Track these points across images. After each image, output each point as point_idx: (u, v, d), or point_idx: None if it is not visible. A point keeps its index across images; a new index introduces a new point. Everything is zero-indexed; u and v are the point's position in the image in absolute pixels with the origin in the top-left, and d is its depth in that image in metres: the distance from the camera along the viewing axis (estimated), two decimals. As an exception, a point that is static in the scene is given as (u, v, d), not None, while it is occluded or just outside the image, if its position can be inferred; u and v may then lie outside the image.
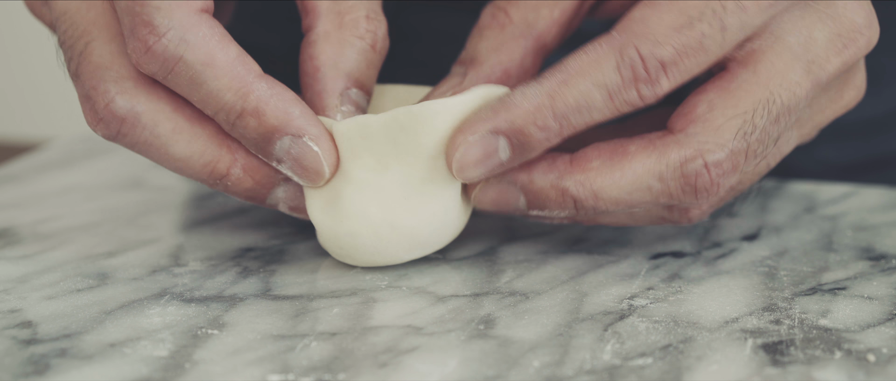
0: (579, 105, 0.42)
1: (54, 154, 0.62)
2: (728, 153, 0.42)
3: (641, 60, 0.42)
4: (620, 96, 0.42)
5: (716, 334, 0.41)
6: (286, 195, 0.45)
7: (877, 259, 0.48)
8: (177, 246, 0.49)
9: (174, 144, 0.43)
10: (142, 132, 0.43)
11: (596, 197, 0.43)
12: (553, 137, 0.42)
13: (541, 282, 0.45)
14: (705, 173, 0.42)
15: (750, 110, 0.43)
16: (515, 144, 0.43)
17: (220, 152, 0.44)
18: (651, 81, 0.42)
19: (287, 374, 0.38)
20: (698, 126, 0.43)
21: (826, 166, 0.65)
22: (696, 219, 0.46)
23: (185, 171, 0.44)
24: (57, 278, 0.45)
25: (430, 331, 0.41)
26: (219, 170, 0.44)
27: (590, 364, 0.39)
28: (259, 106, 0.43)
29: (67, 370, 0.38)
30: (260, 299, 0.44)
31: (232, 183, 0.44)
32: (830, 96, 0.46)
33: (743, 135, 0.43)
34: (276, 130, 0.43)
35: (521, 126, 0.42)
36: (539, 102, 0.42)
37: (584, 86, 0.42)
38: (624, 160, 0.43)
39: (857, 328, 0.41)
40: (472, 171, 0.43)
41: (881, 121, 0.65)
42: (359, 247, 0.45)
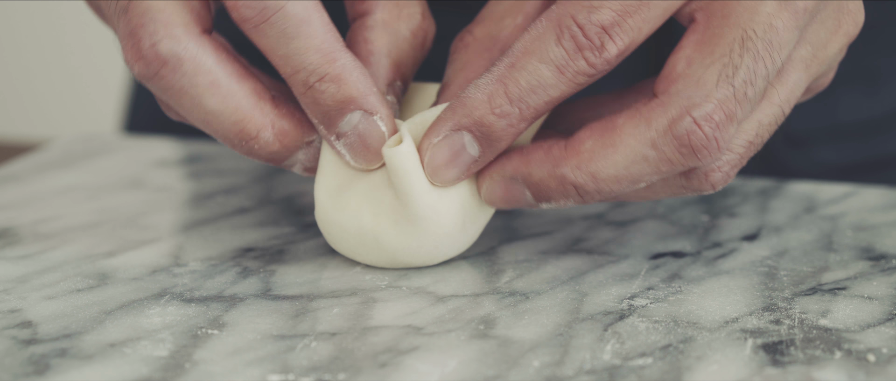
0: (531, 85, 0.42)
1: (54, 154, 0.62)
2: (716, 103, 0.41)
3: (580, 29, 0.41)
4: (570, 68, 0.41)
5: (716, 334, 0.41)
6: (306, 157, 0.45)
7: (877, 259, 0.48)
8: (177, 246, 0.49)
9: (209, 97, 0.43)
10: (180, 79, 0.43)
11: (595, 179, 0.42)
12: (516, 121, 0.42)
13: (541, 282, 0.45)
14: (697, 130, 0.41)
15: (726, 53, 0.41)
16: (480, 136, 0.43)
17: (252, 113, 0.43)
18: (596, 48, 0.41)
19: (287, 374, 0.38)
20: (680, 84, 0.42)
21: (824, 168, 0.65)
22: (720, 182, 0.44)
23: (213, 125, 0.44)
24: (57, 278, 0.45)
25: (430, 331, 0.41)
26: (248, 131, 0.44)
27: (590, 364, 0.39)
28: (342, 73, 0.43)
29: (67, 370, 0.38)
30: (260, 299, 0.44)
31: (259, 146, 0.44)
32: (827, 27, 0.44)
33: (725, 79, 0.41)
34: (353, 101, 0.43)
35: (480, 117, 0.42)
36: (491, 90, 0.42)
37: (532, 65, 0.42)
38: (614, 135, 0.42)
39: (857, 328, 0.41)
40: (446, 172, 0.44)
41: (879, 122, 0.65)
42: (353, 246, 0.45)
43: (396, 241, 0.45)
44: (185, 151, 0.63)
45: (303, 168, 0.46)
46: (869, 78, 0.64)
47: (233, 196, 0.55)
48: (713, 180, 0.44)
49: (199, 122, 0.44)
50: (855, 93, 0.64)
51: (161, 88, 0.43)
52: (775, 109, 0.44)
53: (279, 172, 0.58)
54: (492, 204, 0.45)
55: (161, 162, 0.61)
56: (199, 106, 0.43)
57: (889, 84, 0.65)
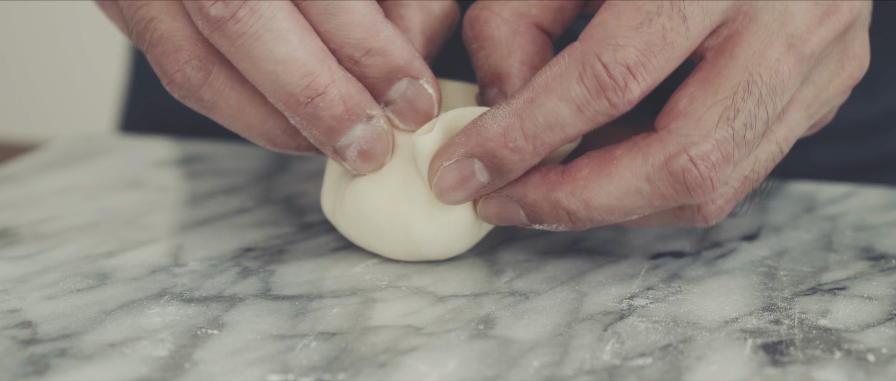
0: (549, 123, 0.41)
1: (54, 154, 0.62)
2: (713, 144, 0.41)
3: (604, 68, 0.41)
4: (590, 108, 0.41)
5: (716, 334, 0.41)
6: (364, 135, 0.44)
7: (877, 259, 0.48)
8: (177, 246, 0.49)
9: (282, 44, 0.42)
10: (257, 21, 0.42)
11: (588, 207, 0.42)
12: (529, 156, 0.42)
13: (541, 282, 0.45)
14: (693, 168, 0.41)
15: (729, 95, 0.41)
16: (491, 167, 0.43)
17: (321, 69, 0.43)
18: (619, 88, 0.41)
19: (287, 374, 0.38)
20: (680, 121, 0.42)
21: (821, 168, 0.65)
22: (715, 217, 0.44)
23: (282, 76, 0.42)
24: (57, 278, 0.45)
25: (430, 331, 0.41)
26: (317, 84, 0.43)
27: (590, 364, 0.39)
28: (386, 45, 0.43)
29: (67, 370, 0.38)
30: (260, 299, 0.44)
31: (325, 105, 0.43)
32: (831, 69, 0.45)
33: (726, 121, 0.41)
34: (400, 70, 0.43)
35: (493, 149, 0.42)
36: (508, 124, 0.42)
37: (552, 102, 0.41)
38: (611, 166, 0.42)
39: (857, 328, 0.41)
40: (452, 194, 0.44)
41: (875, 123, 0.65)
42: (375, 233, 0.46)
43: (426, 230, 0.45)
44: (185, 151, 0.63)
45: (358, 151, 0.44)
46: (865, 80, 0.64)
47: (233, 196, 0.55)
48: (706, 214, 0.44)
49: (267, 74, 0.42)
50: (851, 95, 0.64)
51: (235, 32, 0.42)
52: (773, 146, 0.44)
53: (279, 171, 0.58)
54: (487, 220, 0.45)
55: (161, 162, 0.61)
56: (271, 53, 0.42)
57: (885, 86, 0.65)
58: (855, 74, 0.46)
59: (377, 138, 0.44)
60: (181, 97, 0.44)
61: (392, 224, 0.45)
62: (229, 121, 0.45)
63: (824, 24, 0.43)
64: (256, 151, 0.62)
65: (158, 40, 0.44)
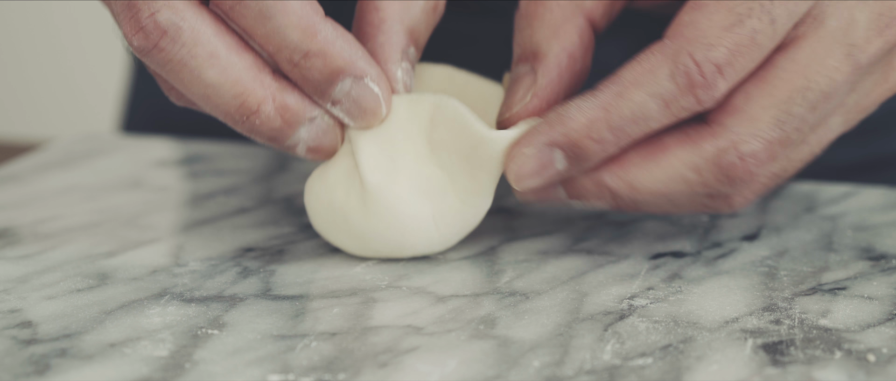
0: (635, 116, 0.42)
1: (54, 154, 0.62)
2: (764, 144, 0.43)
3: (696, 65, 0.42)
4: (677, 104, 0.42)
5: (716, 334, 0.41)
6: (309, 135, 0.45)
7: (877, 259, 0.48)
8: (177, 246, 0.49)
9: (209, 69, 0.42)
10: (180, 50, 0.42)
11: (632, 188, 0.44)
12: (610, 147, 0.43)
13: (541, 282, 0.45)
14: (740, 164, 0.42)
15: (786, 99, 0.42)
16: (571, 156, 0.43)
17: (253, 86, 0.43)
18: (708, 86, 0.42)
19: (287, 374, 0.38)
20: (734, 118, 0.43)
21: (821, 167, 0.65)
22: (739, 206, 0.45)
23: (213, 99, 0.43)
24: (57, 278, 0.45)
25: (430, 331, 0.41)
26: (249, 105, 0.43)
27: (590, 364, 0.39)
28: (325, 47, 0.43)
29: (67, 370, 0.38)
30: (260, 299, 0.44)
31: (260, 121, 0.43)
32: (875, 79, 0.45)
33: (779, 124, 0.43)
34: (341, 71, 0.43)
35: (577, 139, 0.43)
36: (594, 116, 0.43)
37: (640, 97, 0.42)
38: (660, 153, 0.43)
39: (857, 327, 0.41)
40: (529, 181, 0.44)
41: (877, 122, 0.65)
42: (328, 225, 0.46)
43: (363, 222, 0.45)
44: (185, 151, 0.63)
45: (306, 148, 0.45)
46: None
47: (233, 196, 0.55)
48: (733, 203, 0.45)
49: (200, 97, 0.43)
50: None
51: (160, 60, 0.42)
52: (806, 147, 0.45)
53: (279, 171, 0.58)
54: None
55: (161, 162, 0.61)
56: (199, 79, 0.43)
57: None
58: (892, 86, 0.46)
59: (322, 135, 0.45)
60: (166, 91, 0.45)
61: (333, 218, 0.46)
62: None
63: (883, 35, 0.44)
64: (256, 151, 0.62)
65: None
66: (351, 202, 0.45)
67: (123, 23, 0.43)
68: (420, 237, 0.46)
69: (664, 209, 0.46)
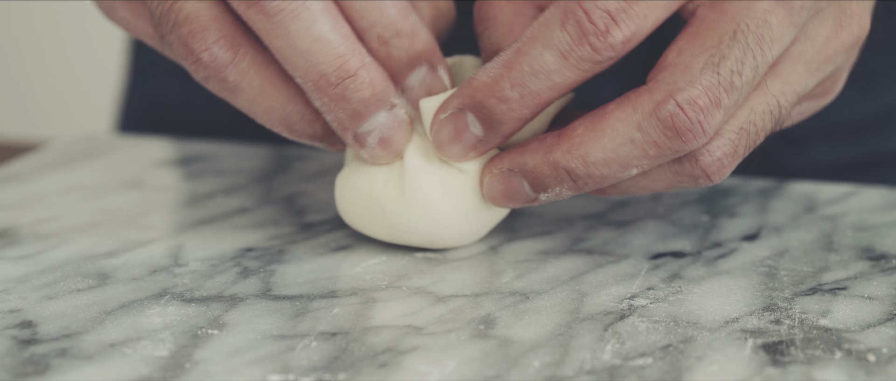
0: (534, 70, 0.42)
1: (54, 154, 0.62)
2: (700, 89, 0.42)
3: (585, 14, 0.41)
4: (574, 54, 0.42)
5: (716, 334, 0.41)
6: (386, 123, 0.45)
7: (877, 259, 0.48)
8: (177, 246, 0.49)
9: (319, 23, 0.43)
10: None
11: (585, 163, 0.43)
12: (517, 107, 0.43)
13: (541, 282, 0.45)
14: (680, 113, 0.42)
15: (716, 44, 0.42)
16: (482, 118, 0.44)
17: (354, 50, 0.43)
18: (600, 33, 0.41)
19: (287, 374, 0.38)
20: (667, 71, 0.43)
21: (820, 166, 0.65)
22: (714, 172, 0.44)
23: (316, 55, 0.43)
24: (57, 278, 0.45)
25: (430, 331, 0.41)
26: (349, 66, 0.43)
27: (590, 364, 0.39)
28: (415, 29, 0.44)
29: (67, 370, 0.38)
30: (260, 299, 0.44)
31: (354, 87, 0.43)
32: (830, 26, 0.45)
33: (711, 67, 0.42)
34: (423, 55, 0.44)
35: (482, 99, 0.43)
36: (496, 74, 0.43)
37: (536, 50, 0.42)
38: (603, 120, 0.43)
39: (857, 327, 0.41)
40: (450, 147, 0.45)
41: (873, 121, 0.66)
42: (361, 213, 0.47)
43: (399, 213, 0.46)
44: (185, 151, 0.63)
45: (379, 138, 0.45)
46: (862, 78, 0.64)
47: (233, 196, 0.55)
48: (705, 166, 0.44)
49: (302, 50, 0.43)
50: (848, 92, 0.64)
51: (273, 8, 0.42)
52: (770, 98, 0.44)
53: (279, 171, 0.58)
54: (494, 201, 0.46)
55: (161, 162, 0.61)
56: (307, 32, 0.43)
57: (882, 84, 0.65)
58: (855, 31, 0.46)
59: (398, 127, 0.45)
60: (204, 77, 0.44)
61: (369, 208, 0.47)
62: (250, 104, 0.45)
63: None
64: (256, 150, 0.62)
65: (184, 21, 0.44)
66: (389, 194, 0.46)
67: None
68: (452, 231, 0.47)
69: (642, 187, 0.45)
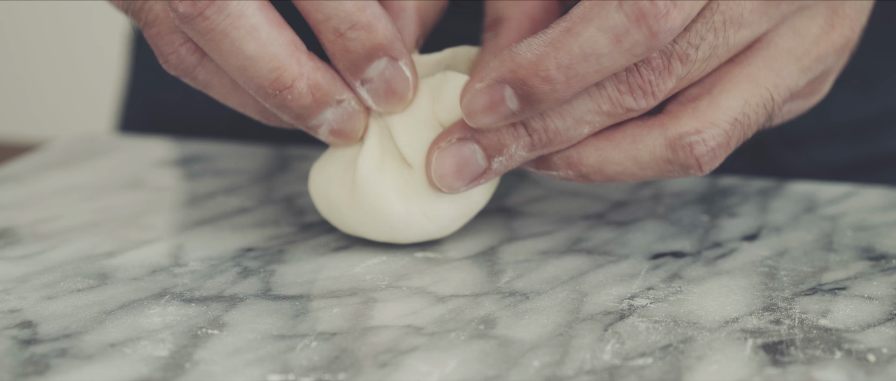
0: (585, 52, 0.41)
1: (54, 154, 0.62)
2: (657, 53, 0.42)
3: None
4: (629, 38, 0.40)
5: (716, 334, 0.41)
6: (334, 118, 0.45)
7: (877, 259, 0.48)
8: (177, 246, 0.49)
9: (250, 41, 0.43)
10: (224, 20, 0.43)
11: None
12: (561, 88, 0.42)
13: (541, 282, 0.45)
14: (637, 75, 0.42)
15: None
16: (521, 94, 0.42)
17: (289, 62, 0.44)
18: (661, 15, 0.40)
19: (287, 374, 0.38)
20: None
21: (820, 167, 0.65)
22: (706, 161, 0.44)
23: (249, 72, 0.44)
24: (57, 278, 0.45)
25: (430, 331, 0.41)
26: (283, 79, 0.44)
27: (590, 364, 0.39)
28: (372, 21, 0.43)
29: (67, 370, 0.38)
30: (260, 299, 0.44)
31: (292, 97, 0.44)
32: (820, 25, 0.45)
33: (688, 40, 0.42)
34: (381, 47, 0.44)
35: (524, 77, 0.42)
36: (541, 53, 0.41)
37: (589, 32, 0.41)
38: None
39: (857, 327, 0.41)
40: (481, 118, 0.44)
41: (873, 122, 0.65)
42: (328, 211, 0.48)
43: (353, 216, 0.47)
44: (185, 151, 0.63)
45: (329, 130, 0.46)
46: (862, 78, 0.64)
47: (233, 196, 0.55)
48: (698, 155, 0.44)
49: (236, 69, 0.44)
50: (849, 93, 0.64)
51: (203, 29, 0.43)
52: (763, 91, 0.44)
53: (279, 171, 0.58)
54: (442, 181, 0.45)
55: (161, 162, 0.61)
56: (239, 50, 0.43)
57: (883, 84, 0.65)
58: (846, 33, 0.46)
59: (347, 119, 0.46)
60: (176, 75, 0.46)
61: (329, 208, 0.47)
62: (224, 98, 0.46)
63: None
64: (256, 150, 0.62)
65: (153, 21, 0.45)
66: (343, 196, 0.47)
67: None
68: (412, 230, 0.47)
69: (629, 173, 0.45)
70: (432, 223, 0.47)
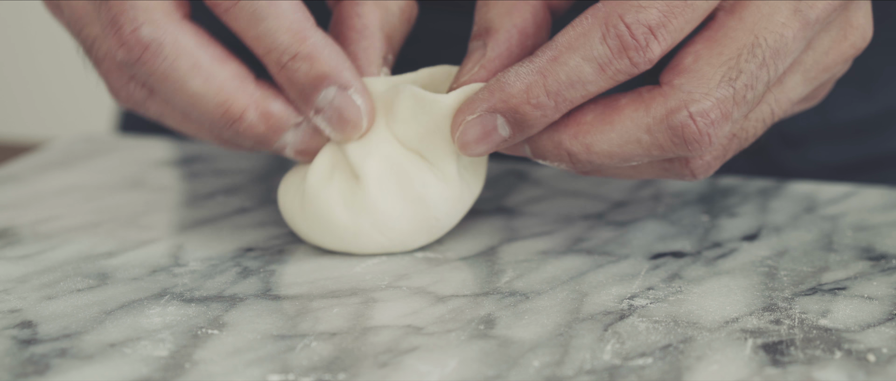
0: (571, 80, 0.42)
1: (54, 154, 0.62)
2: (714, 102, 0.42)
3: (627, 28, 0.42)
4: (612, 67, 0.42)
5: (716, 334, 0.41)
6: (295, 139, 0.46)
7: (877, 259, 0.48)
8: (177, 246, 0.49)
9: (192, 79, 0.43)
10: (162, 63, 0.43)
11: (588, 150, 0.44)
12: (550, 112, 0.43)
13: (541, 282, 0.45)
14: (691, 124, 0.42)
15: (734, 56, 0.42)
16: (513, 122, 0.44)
17: (236, 94, 0.44)
18: (640, 48, 0.42)
19: (287, 374, 0.38)
20: (683, 77, 0.43)
21: (820, 167, 0.65)
22: (701, 172, 0.45)
23: (197, 109, 0.44)
24: (57, 278, 0.45)
25: (430, 331, 0.41)
26: (232, 112, 0.44)
27: (590, 364, 0.39)
28: (313, 51, 0.44)
29: (67, 370, 0.38)
30: (260, 299, 0.44)
31: (244, 128, 0.45)
32: (832, 36, 0.46)
33: (728, 81, 0.42)
34: (326, 77, 0.44)
35: (516, 105, 0.43)
36: (531, 81, 0.43)
37: (574, 61, 0.42)
38: (614, 115, 0.43)
39: (857, 328, 0.41)
40: (475, 148, 0.45)
41: (873, 122, 0.65)
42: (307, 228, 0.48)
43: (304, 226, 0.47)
44: (185, 150, 0.63)
45: (294, 151, 0.46)
46: (862, 78, 0.64)
47: (233, 196, 0.55)
48: (694, 168, 0.45)
49: (183, 107, 0.44)
50: (849, 93, 0.64)
51: (144, 73, 0.44)
52: (765, 107, 0.45)
53: (279, 171, 0.58)
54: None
55: (161, 162, 0.61)
56: (182, 89, 0.44)
57: (883, 84, 0.65)
58: (857, 43, 0.46)
59: (310, 139, 0.46)
60: (128, 109, 0.46)
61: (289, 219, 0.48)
62: (179, 128, 0.47)
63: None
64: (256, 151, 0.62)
65: (103, 58, 0.46)
66: (295, 206, 0.47)
67: (107, 37, 0.44)
68: (363, 242, 0.47)
69: (626, 174, 0.46)
70: (385, 237, 0.47)
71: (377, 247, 0.47)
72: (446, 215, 0.47)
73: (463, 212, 0.48)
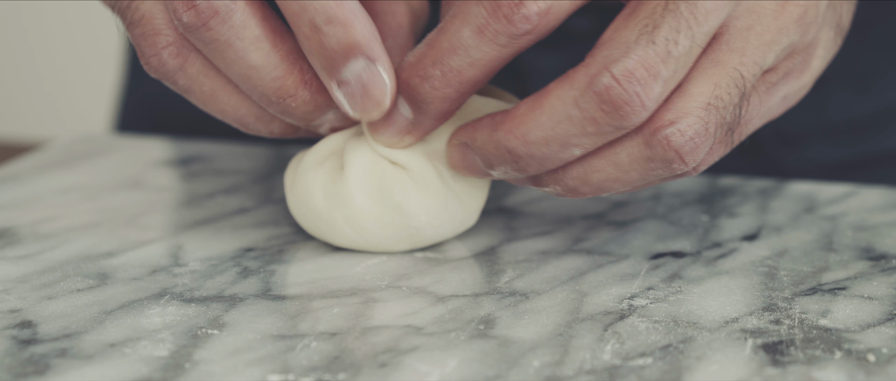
0: (453, 46, 0.42)
1: (54, 154, 0.62)
2: (636, 59, 0.41)
3: None
4: (490, 28, 0.42)
5: (716, 334, 0.41)
6: (336, 117, 0.46)
7: (877, 259, 0.48)
8: (177, 246, 0.49)
9: (254, 51, 0.44)
10: (229, 30, 0.43)
11: (525, 142, 0.43)
12: (440, 85, 0.43)
13: (541, 282, 0.45)
14: (616, 85, 0.41)
15: (648, 14, 0.41)
16: (409, 99, 0.44)
17: (292, 70, 0.44)
18: (513, 5, 0.41)
19: (287, 374, 0.38)
20: (603, 46, 0.42)
21: (817, 165, 0.65)
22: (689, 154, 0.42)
23: (253, 80, 0.44)
24: (57, 278, 0.45)
25: (430, 331, 0.41)
26: (287, 87, 0.44)
27: (590, 364, 0.39)
28: (349, 17, 0.43)
29: (67, 370, 0.38)
30: (260, 299, 0.44)
31: (296, 104, 0.45)
32: None
33: (646, 36, 0.41)
34: (357, 46, 0.43)
35: (407, 79, 0.43)
36: (420, 53, 0.43)
37: (454, 27, 0.42)
38: (543, 99, 0.42)
39: (857, 327, 0.41)
40: (383, 131, 0.45)
41: (869, 120, 0.66)
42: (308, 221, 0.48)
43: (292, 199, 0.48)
44: (185, 150, 0.63)
45: (330, 128, 0.47)
46: (859, 77, 0.64)
47: (233, 196, 0.55)
48: (677, 147, 0.42)
49: (240, 78, 0.44)
50: (846, 91, 0.64)
51: (207, 39, 0.43)
52: (730, 70, 0.43)
53: (279, 171, 0.58)
54: (455, 169, 0.46)
55: (161, 162, 0.61)
56: (243, 60, 0.44)
57: (880, 82, 0.65)
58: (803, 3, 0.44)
59: (346, 120, 0.47)
60: (156, 77, 0.46)
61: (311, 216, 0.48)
62: (203, 105, 0.46)
63: None
64: (256, 151, 0.62)
65: (139, 21, 0.45)
66: (289, 183, 0.48)
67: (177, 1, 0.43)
68: (336, 234, 0.47)
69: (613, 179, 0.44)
70: (357, 234, 0.47)
71: (350, 243, 0.47)
72: (428, 225, 0.47)
73: (454, 224, 0.47)
